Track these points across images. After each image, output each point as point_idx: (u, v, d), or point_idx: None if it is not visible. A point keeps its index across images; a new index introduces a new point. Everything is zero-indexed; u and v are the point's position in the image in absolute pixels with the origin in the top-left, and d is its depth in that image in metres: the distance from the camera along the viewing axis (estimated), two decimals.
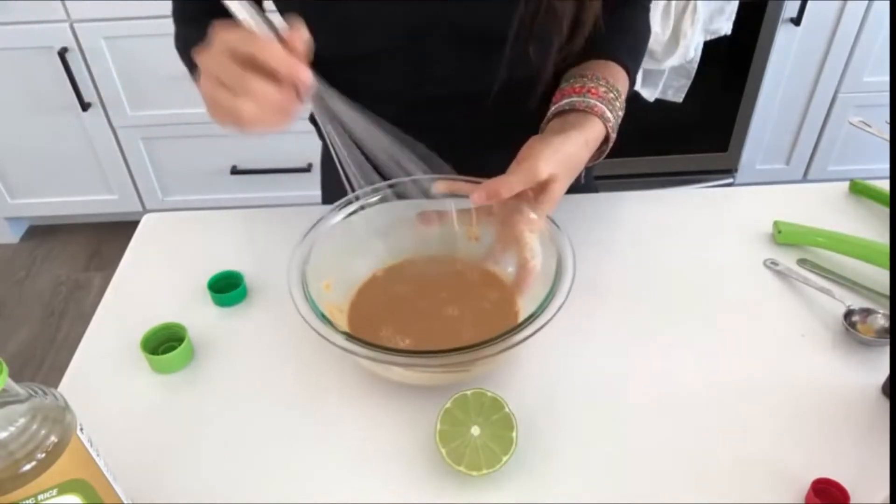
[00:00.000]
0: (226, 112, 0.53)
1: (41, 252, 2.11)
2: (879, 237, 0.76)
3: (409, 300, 0.69)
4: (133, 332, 0.67)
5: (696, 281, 0.73)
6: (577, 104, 0.68)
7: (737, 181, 2.03)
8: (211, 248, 0.79)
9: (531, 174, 0.62)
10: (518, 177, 0.62)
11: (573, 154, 0.65)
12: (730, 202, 0.84)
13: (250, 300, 0.73)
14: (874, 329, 0.66)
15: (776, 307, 0.70)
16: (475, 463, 0.55)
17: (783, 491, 0.55)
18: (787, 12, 1.71)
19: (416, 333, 0.65)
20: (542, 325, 0.57)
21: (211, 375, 0.65)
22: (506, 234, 0.67)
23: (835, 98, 1.87)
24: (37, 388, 0.43)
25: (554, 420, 0.60)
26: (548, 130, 0.68)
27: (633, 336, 0.68)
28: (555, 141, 0.64)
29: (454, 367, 0.58)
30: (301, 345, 0.67)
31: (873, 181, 0.83)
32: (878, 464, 0.56)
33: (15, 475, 0.40)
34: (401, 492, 0.56)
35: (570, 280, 0.60)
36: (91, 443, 0.46)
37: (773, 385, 0.63)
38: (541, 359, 0.65)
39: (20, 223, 2.17)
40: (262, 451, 0.59)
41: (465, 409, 0.57)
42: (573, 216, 0.74)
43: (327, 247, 0.66)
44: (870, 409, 0.61)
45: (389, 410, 0.61)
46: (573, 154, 0.65)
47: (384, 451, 0.59)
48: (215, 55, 0.53)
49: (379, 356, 0.56)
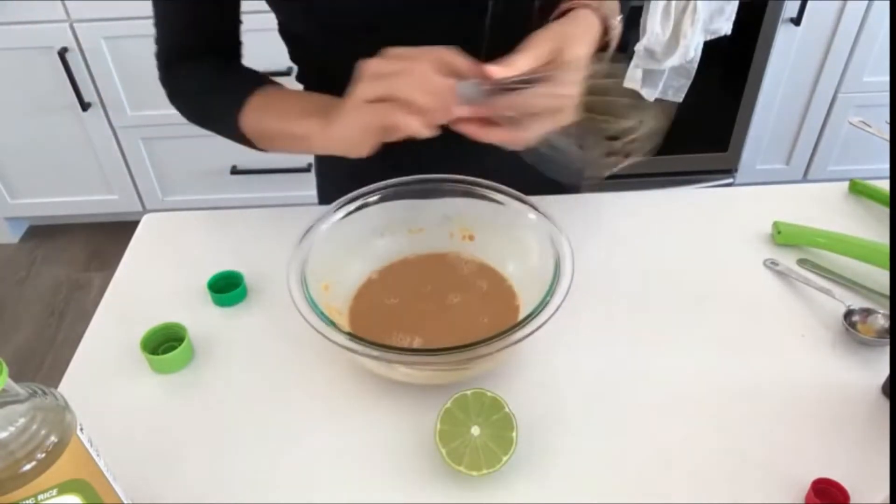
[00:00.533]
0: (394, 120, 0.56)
1: (41, 252, 2.11)
2: (879, 237, 0.76)
3: (407, 300, 0.69)
4: (133, 332, 0.67)
5: (695, 281, 0.73)
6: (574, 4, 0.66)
7: (737, 181, 2.03)
8: (211, 248, 0.79)
9: (531, 48, 0.59)
10: (521, 54, 0.59)
11: (563, 28, 0.62)
12: (730, 202, 0.84)
13: (250, 300, 0.73)
14: (874, 329, 0.66)
15: (776, 307, 0.70)
16: (475, 463, 0.55)
17: (783, 491, 0.55)
18: (787, 12, 1.71)
19: (415, 332, 0.66)
20: (541, 323, 0.57)
21: (211, 375, 0.65)
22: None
23: (835, 98, 1.87)
24: (37, 388, 0.43)
25: (554, 420, 0.60)
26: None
27: (633, 336, 0.68)
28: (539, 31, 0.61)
29: (454, 365, 0.58)
30: (301, 345, 0.67)
31: (873, 181, 0.83)
32: (878, 464, 0.56)
33: (15, 475, 0.40)
34: (401, 492, 0.56)
35: (569, 279, 0.60)
36: (91, 443, 0.46)
37: (773, 385, 0.63)
38: (541, 359, 0.65)
39: (20, 223, 2.17)
40: (262, 451, 0.59)
41: (465, 409, 0.57)
42: (573, 216, 0.74)
43: (326, 248, 0.67)
44: (870, 409, 0.61)
45: (389, 410, 0.61)
46: (563, 28, 0.62)
47: (384, 451, 0.59)
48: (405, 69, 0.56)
49: (381, 355, 0.56)
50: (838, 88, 1.86)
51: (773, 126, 1.94)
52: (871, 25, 1.73)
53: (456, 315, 0.68)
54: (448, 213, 0.73)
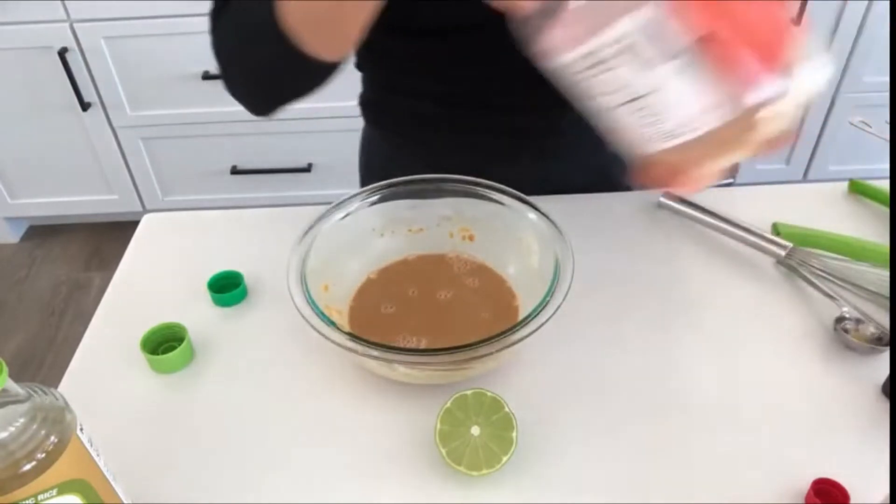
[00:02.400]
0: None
1: (41, 252, 2.11)
2: (878, 237, 0.76)
3: (407, 300, 0.69)
4: (133, 332, 0.67)
5: (695, 281, 0.73)
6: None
7: (737, 181, 2.03)
8: (211, 248, 0.79)
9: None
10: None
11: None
12: (729, 202, 0.84)
13: (250, 300, 0.73)
14: (865, 336, 0.66)
15: (776, 308, 0.70)
16: (475, 463, 0.55)
17: (783, 491, 0.55)
18: None
19: (415, 332, 0.66)
20: (541, 323, 0.57)
21: (211, 375, 0.65)
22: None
23: (835, 98, 1.87)
24: (37, 388, 0.43)
25: (554, 420, 0.60)
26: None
27: (633, 336, 0.68)
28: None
29: (454, 365, 0.58)
30: (301, 345, 0.67)
31: (872, 181, 0.83)
32: (878, 464, 0.56)
33: (15, 475, 0.40)
34: (401, 492, 0.56)
35: (569, 279, 0.60)
36: (91, 443, 0.46)
37: (773, 385, 0.63)
38: (541, 359, 0.65)
39: (20, 223, 2.17)
40: (262, 451, 0.59)
41: (465, 409, 0.57)
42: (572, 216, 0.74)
43: (326, 247, 0.67)
44: (870, 409, 0.61)
45: (389, 410, 0.61)
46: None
47: (384, 451, 0.59)
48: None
49: (381, 355, 0.56)
50: (838, 89, 1.86)
51: None
52: (871, 25, 1.73)
53: (456, 315, 0.68)
54: (448, 213, 0.73)
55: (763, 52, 0.38)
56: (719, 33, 0.37)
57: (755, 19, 0.38)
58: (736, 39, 0.38)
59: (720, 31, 0.37)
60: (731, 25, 0.38)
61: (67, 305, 1.94)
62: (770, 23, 0.39)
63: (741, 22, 0.38)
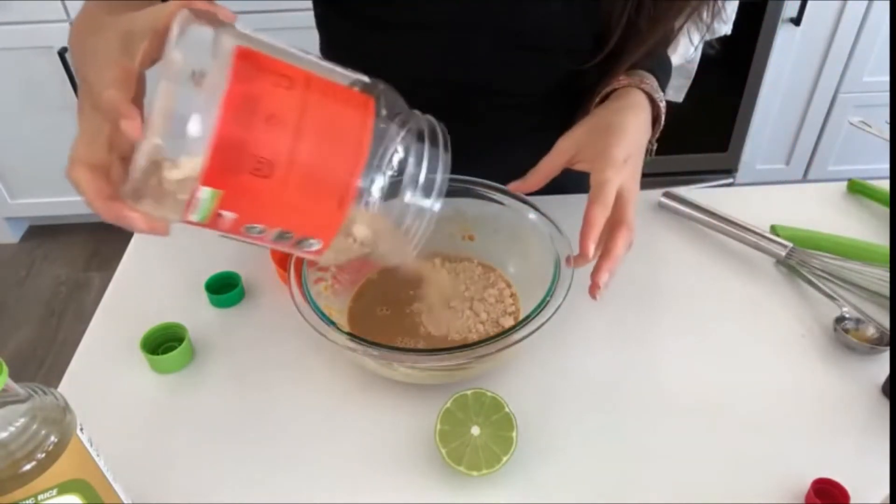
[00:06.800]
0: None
1: (41, 252, 2.11)
2: (878, 236, 0.76)
3: (407, 300, 0.69)
4: (133, 332, 0.67)
5: (695, 281, 0.73)
6: (619, 85, 0.69)
7: (737, 181, 2.03)
8: (210, 249, 0.79)
9: (546, 163, 0.64)
10: (535, 173, 0.64)
11: (605, 120, 0.64)
12: (729, 202, 0.84)
13: (249, 300, 0.73)
14: (865, 336, 0.66)
15: (776, 308, 0.70)
16: (475, 463, 0.55)
17: (783, 491, 0.55)
18: (787, 12, 1.71)
19: (415, 333, 0.66)
20: (541, 323, 0.57)
21: (211, 375, 0.65)
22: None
23: (835, 98, 1.88)
24: (37, 388, 0.43)
25: (554, 420, 0.60)
26: (594, 114, 0.67)
27: (633, 336, 0.68)
28: (613, 121, 0.63)
29: (454, 365, 0.58)
30: (301, 345, 0.67)
31: (872, 181, 0.83)
32: (878, 464, 0.56)
33: (15, 475, 0.40)
34: (401, 492, 0.56)
35: (569, 280, 0.61)
36: (91, 443, 0.46)
37: (773, 385, 0.63)
38: (541, 359, 0.65)
39: (20, 223, 2.17)
40: (262, 452, 0.59)
41: (465, 409, 0.57)
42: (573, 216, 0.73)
43: None
44: (870, 409, 0.61)
45: (389, 410, 0.61)
46: (605, 120, 0.64)
47: (384, 451, 0.59)
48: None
49: (381, 355, 0.56)
50: (838, 88, 1.86)
51: (773, 126, 1.94)
52: (871, 25, 1.73)
53: (456, 315, 0.68)
54: (448, 213, 0.72)
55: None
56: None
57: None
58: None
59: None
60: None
61: (67, 305, 1.94)
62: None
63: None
